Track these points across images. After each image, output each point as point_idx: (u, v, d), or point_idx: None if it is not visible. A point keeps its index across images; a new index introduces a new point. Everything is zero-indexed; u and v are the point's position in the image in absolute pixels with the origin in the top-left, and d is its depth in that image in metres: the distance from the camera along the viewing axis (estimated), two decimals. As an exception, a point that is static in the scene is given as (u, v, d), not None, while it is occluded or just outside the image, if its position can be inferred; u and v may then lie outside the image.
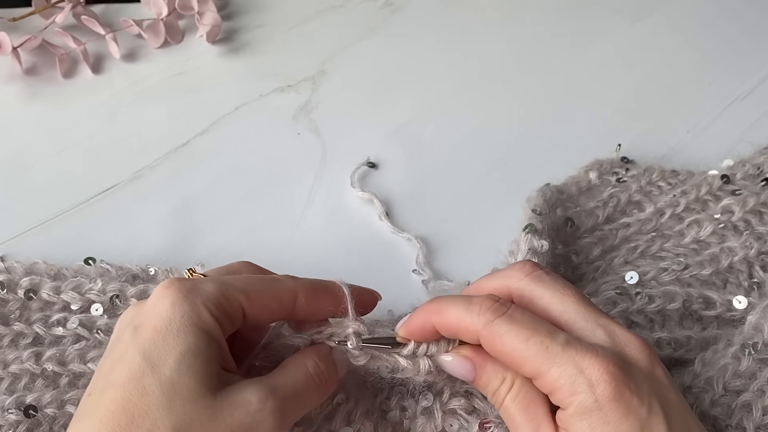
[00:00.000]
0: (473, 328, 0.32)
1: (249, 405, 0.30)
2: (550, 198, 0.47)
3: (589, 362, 0.30)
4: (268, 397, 0.31)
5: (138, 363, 0.30)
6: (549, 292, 0.33)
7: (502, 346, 0.31)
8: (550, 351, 0.30)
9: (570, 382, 0.30)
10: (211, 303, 0.32)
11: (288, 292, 0.34)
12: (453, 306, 0.33)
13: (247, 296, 0.33)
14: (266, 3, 0.67)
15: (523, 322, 0.31)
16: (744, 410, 0.36)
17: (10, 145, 0.54)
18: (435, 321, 0.34)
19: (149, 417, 0.29)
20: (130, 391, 0.30)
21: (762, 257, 0.45)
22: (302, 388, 0.33)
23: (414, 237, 0.49)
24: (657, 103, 0.59)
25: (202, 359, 0.30)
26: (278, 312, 0.34)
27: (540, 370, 0.30)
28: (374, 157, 0.54)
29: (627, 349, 0.31)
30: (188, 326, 0.31)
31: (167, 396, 0.29)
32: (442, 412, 0.37)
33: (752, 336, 0.37)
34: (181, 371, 0.30)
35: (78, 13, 0.61)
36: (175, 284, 0.32)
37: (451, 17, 0.66)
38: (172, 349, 0.30)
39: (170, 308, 0.31)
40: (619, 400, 0.29)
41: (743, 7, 0.67)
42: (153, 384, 0.29)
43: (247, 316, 0.33)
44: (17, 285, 0.43)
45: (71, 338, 0.42)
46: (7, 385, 0.40)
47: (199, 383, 0.30)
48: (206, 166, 0.54)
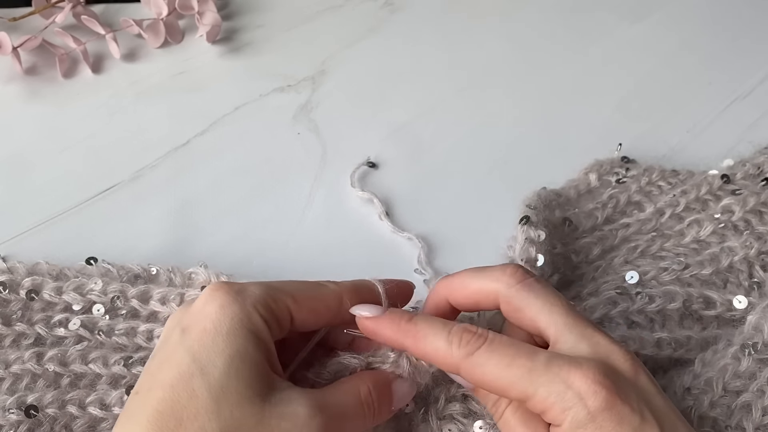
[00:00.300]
0: (453, 361, 0.32)
1: (297, 418, 0.30)
2: (546, 198, 0.47)
3: (575, 376, 0.30)
4: (316, 414, 0.30)
5: (187, 364, 0.30)
6: (539, 302, 0.33)
7: (484, 377, 0.31)
8: (533, 372, 0.30)
9: (560, 399, 0.29)
10: (260, 305, 0.32)
11: (333, 295, 0.34)
12: (431, 335, 0.33)
13: (294, 299, 0.33)
14: (266, 3, 0.67)
15: (501, 348, 0.31)
16: (744, 411, 0.36)
17: (10, 145, 0.54)
18: (409, 345, 0.33)
19: (197, 420, 0.29)
20: (179, 392, 0.29)
21: (762, 257, 0.45)
22: (351, 412, 0.32)
23: (415, 236, 0.49)
24: (657, 103, 0.59)
25: (251, 363, 0.30)
26: (325, 315, 0.34)
27: (527, 393, 0.30)
28: (374, 157, 0.54)
29: (610, 360, 0.31)
30: (238, 328, 0.31)
31: (216, 399, 0.29)
32: (438, 419, 0.37)
33: (752, 336, 0.37)
34: (230, 375, 0.30)
35: (78, 13, 0.61)
36: (224, 287, 0.32)
37: (451, 17, 0.66)
38: (221, 352, 0.30)
39: (219, 310, 0.31)
40: (612, 409, 0.29)
41: (743, 7, 0.67)
42: (202, 386, 0.29)
43: (294, 319, 0.33)
44: (19, 285, 0.43)
45: (73, 339, 0.42)
46: (8, 385, 0.40)
47: (248, 388, 0.30)
48: (206, 166, 0.54)
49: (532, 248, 0.41)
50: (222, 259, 0.47)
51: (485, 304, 0.34)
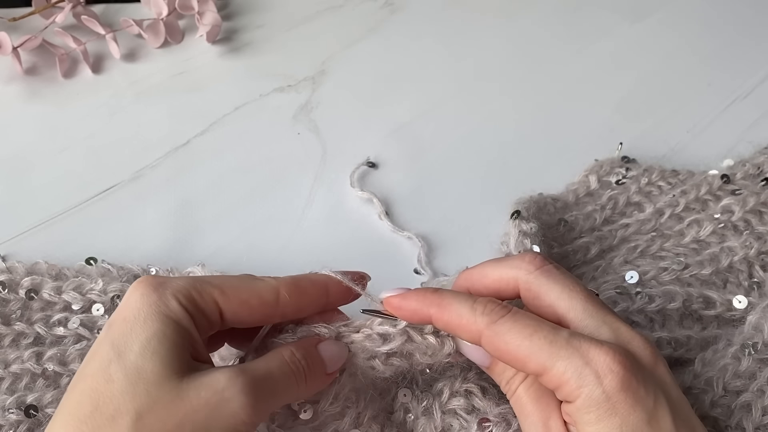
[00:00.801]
0: (476, 327, 0.32)
1: (217, 383, 0.30)
2: (541, 201, 0.47)
3: (594, 353, 0.30)
4: (237, 375, 0.30)
5: (106, 352, 0.30)
6: (558, 287, 0.33)
7: (506, 345, 0.31)
8: (554, 345, 0.30)
9: (576, 374, 0.30)
10: (181, 294, 0.32)
11: (267, 288, 0.34)
12: (456, 303, 0.33)
13: (221, 291, 0.33)
14: (266, 3, 0.67)
15: (525, 320, 0.31)
16: (744, 410, 0.36)
17: (10, 145, 0.54)
18: (434, 313, 0.33)
19: (113, 403, 0.29)
20: (97, 380, 0.30)
21: (762, 257, 0.45)
22: (276, 372, 0.32)
23: (414, 235, 0.49)
24: (657, 103, 0.59)
25: (168, 344, 0.30)
26: (259, 309, 0.34)
27: (545, 365, 0.30)
28: (374, 157, 0.54)
29: (631, 346, 0.31)
30: (155, 314, 0.31)
31: (131, 381, 0.29)
32: (441, 413, 0.37)
33: (752, 336, 0.37)
34: (146, 356, 0.30)
35: (78, 13, 0.61)
36: (148, 279, 0.32)
37: (451, 17, 0.66)
38: (137, 336, 0.30)
39: (139, 299, 0.31)
40: (627, 391, 0.29)
41: (743, 7, 0.67)
42: (118, 370, 0.29)
43: (224, 312, 0.33)
44: (18, 285, 0.43)
45: (72, 338, 0.42)
46: (8, 384, 0.40)
47: (164, 366, 0.30)
48: (206, 166, 0.54)
49: (526, 240, 0.42)
50: (222, 259, 0.47)
51: (506, 293, 0.35)
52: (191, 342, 0.31)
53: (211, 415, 0.29)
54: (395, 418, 0.38)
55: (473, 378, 0.38)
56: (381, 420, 0.38)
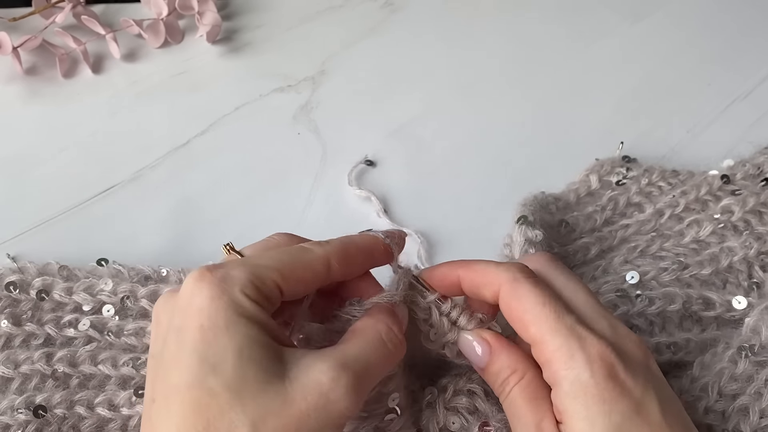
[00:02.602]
0: (497, 280, 0.33)
1: (321, 386, 0.29)
2: (543, 201, 0.47)
3: (591, 340, 0.31)
4: (340, 375, 0.30)
5: (197, 365, 0.29)
6: (564, 278, 0.34)
7: (518, 303, 0.32)
8: (559, 321, 0.31)
9: (569, 354, 0.30)
10: (248, 289, 0.31)
11: (319, 260, 0.34)
12: (484, 263, 0.34)
13: (280, 273, 0.32)
14: (266, 3, 0.67)
15: (545, 289, 0.33)
16: (741, 414, 0.36)
17: (10, 145, 0.55)
18: (460, 272, 0.35)
19: (225, 416, 0.28)
20: (198, 394, 0.29)
21: (762, 257, 0.45)
22: (375, 358, 0.32)
23: (414, 232, 0.49)
24: (657, 103, 0.59)
25: (258, 348, 0.30)
26: (313, 282, 0.34)
27: (544, 337, 0.31)
28: (374, 157, 0.54)
29: (625, 341, 0.32)
30: (235, 318, 0.30)
31: (236, 393, 0.29)
32: (444, 409, 0.37)
33: (750, 338, 0.37)
34: (243, 365, 0.29)
35: (78, 13, 0.61)
36: (206, 276, 0.31)
37: (451, 17, 0.66)
38: (226, 346, 0.29)
39: (210, 303, 0.30)
40: (615, 380, 0.30)
41: (743, 7, 0.67)
42: (218, 384, 0.29)
43: (284, 293, 0.33)
44: (30, 285, 0.43)
45: (82, 339, 0.42)
46: (17, 385, 0.40)
47: (264, 372, 0.29)
48: (206, 166, 0.54)
49: (531, 249, 0.41)
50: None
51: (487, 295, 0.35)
52: (273, 334, 0.31)
53: (319, 417, 0.29)
54: None
55: (477, 379, 0.38)
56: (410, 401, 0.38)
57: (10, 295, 0.43)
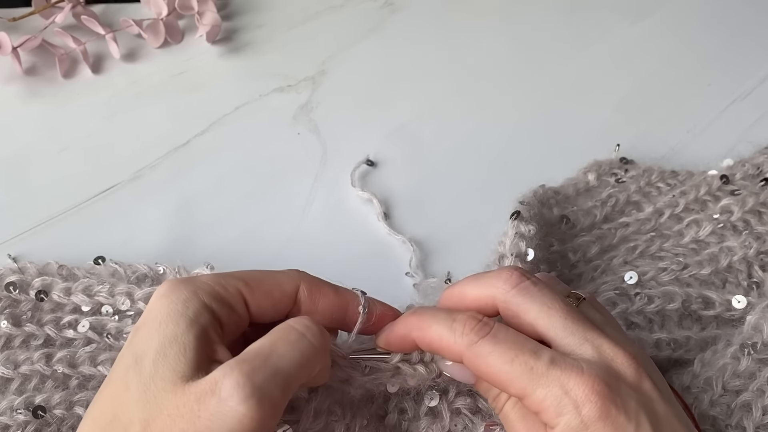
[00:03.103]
0: (456, 349, 0.31)
1: (214, 384, 0.28)
2: (543, 195, 0.47)
3: (574, 382, 0.29)
4: (232, 369, 0.28)
5: (127, 358, 0.30)
6: (536, 306, 0.32)
7: (487, 368, 0.31)
8: (534, 372, 0.30)
9: (555, 403, 0.29)
10: (203, 291, 0.31)
11: (289, 280, 0.34)
12: (435, 323, 0.32)
13: (245, 283, 0.33)
14: (266, 3, 0.67)
15: (506, 342, 0.31)
16: (743, 410, 0.36)
17: (10, 145, 0.54)
18: (416, 336, 0.33)
19: (128, 412, 0.29)
20: (118, 387, 0.30)
21: (761, 257, 0.45)
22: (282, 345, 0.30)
23: (408, 240, 0.49)
24: (657, 103, 0.59)
25: (177, 347, 0.29)
26: (281, 300, 0.33)
27: (525, 391, 0.30)
28: (374, 157, 0.54)
29: (614, 364, 0.31)
30: (171, 315, 0.30)
31: (144, 389, 0.29)
32: (447, 412, 0.37)
33: (751, 336, 0.37)
34: (158, 362, 0.29)
35: (78, 13, 0.61)
36: (174, 281, 0.32)
37: (451, 17, 0.66)
38: (153, 341, 0.30)
39: (158, 300, 0.31)
40: (606, 419, 0.29)
41: (743, 7, 0.67)
42: (134, 378, 0.29)
43: (249, 304, 0.33)
44: (29, 285, 0.43)
45: (82, 341, 0.42)
46: (17, 385, 0.40)
47: (172, 372, 0.29)
48: (206, 166, 0.54)
49: (522, 243, 0.41)
50: (222, 259, 0.47)
51: (486, 311, 0.34)
52: (208, 342, 0.30)
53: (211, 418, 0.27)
54: (388, 420, 0.38)
55: None
56: (373, 427, 0.37)
57: (10, 295, 0.43)
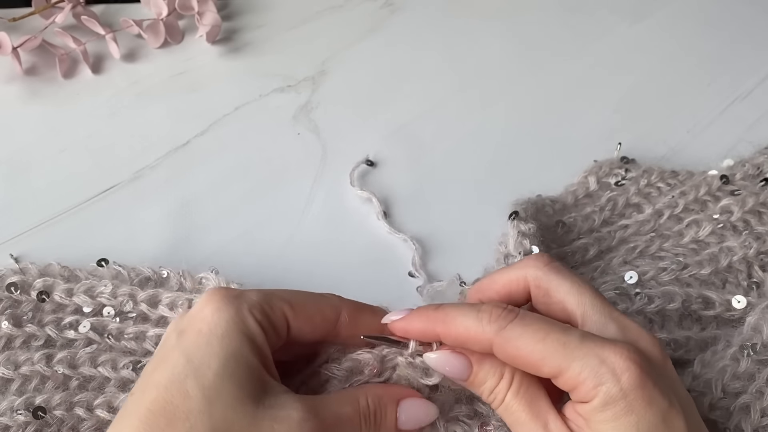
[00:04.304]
0: (485, 337, 0.31)
1: (290, 420, 0.30)
2: (540, 203, 0.47)
3: (609, 352, 0.29)
4: (309, 418, 0.30)
5: (181, 365, 0.30)
6: (567, 283, 0.33)
7: (518, 350, 0.31)
8: (568, 347, 0.30)
9: (593, 373, 0.29)
10: (256, 309, 0.32)
11: (332, 306, 0.34)
12: (461, 315, 0.32)
13: (291, 306, 0.33)
14: (266, 3, 0.67)
15: (535, 323, 0.31)
16: (742, 412, 0.36)
17: (10, 145, 0.54)
18: (440, 330, 0.33)
19: (189, 420, 0.29)
20: (172, 393, 0.29)
21: (761, 257, 0.45)
22: (346, 420, 0.32)
23: (410, 238, 0.49)
24: (657, 103, 0.59)
25: (245, 365, 0.30)
26: (321, 325, 0.34)
27: (561, 368, 0.30)
28: (374, 157, 0.54)
29: (639, 344, 0.31)
30: (233, 331, 0.31)
31: (208, 400, 0.29)
32: (444, 421, 0.37)
33: (751, 337, 0.37)
34: (224, 376, 0.30)
35: (78, 13, 0.61)
36: (222, 291, 0.32)
37: (451, 18, 0.66)
38: (215, 354, 0.30)
39: (215, 312, 0.31)
40: (644, 388, 0.29)
41: (743, 7, 0.67)
42: (195, 387, 0.29)
43: (291, 327, 0.33)
44: (31, 286, 0.43)
45: (82, 341, 0.42)
46: (17, 386, 0.40)
47: (241, 389, 0.30)
48: (206, 166, 0.54)
49: (525, 240, 0.42)
50: (222, 259, 0.47)
51: (516, 295, 0.34)
52: (264, 361, 0.31)
53: None
54: None
55: None
56: None
57: (11, 296, 0.43)
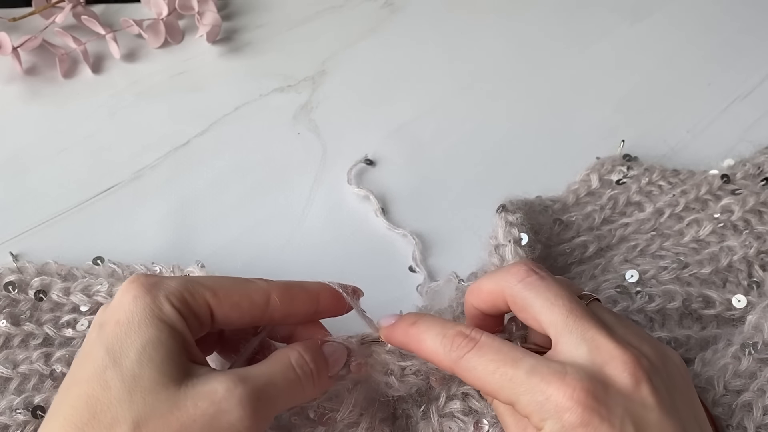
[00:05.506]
0: (447, 364, 0.33)
1: (214, 394, 0.29)
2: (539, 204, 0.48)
3: (554, 388, 0.29)
4: (236, 385, 0.30)
5: (101, 358, 0.30)
6: (539, 300, 0.33)
7: (475, 380, 0.32)
8: (514, 381, 0.30)
9: (538, 408, 0.30)
10: (174, 297, 0.32)
11: (259, 291, 0.34)
12: (430, 339, 0.33)
13: (213, 293, 0.33)
14: (266, 3, 0.67)
15: (488, 354, 0.31)
16: (744, 410, 0.36)
17: (10, 145, 0.54)
18: (414, 349, 0.34)
19: (110, 411, 0.29)
20: (93, 386, 0.29)
21: (761, 256, 0.45)
22: (280, 379, 0.32)
23: (409, 233, 0.49)
24: (657, 103, 0.59)
25: (164, 351, 0.30)
26: (249, 311, 0.34)
27: (511, 400, 0.31)
28: (374, 156, 0.54)
29: (608, 368, 0.30)
30: (149, 318, 0.31)
31: (128, 389, 0.29)
32: (438, 416, 0.38)
33: (752, 336, 0.37)
34: (142, 363, 0.30)
35: (78, 13, 0.61)
36: (139, 279, 0.32)
37: (451, 17, 0.66)
38: (133, 342, 0.30)
39: (132, 301, 0.31)
40: (587, 426, 0.29)
41: (743, 7, 0.67)
42: (114, 377, 0.29)
43: (215, 314, 0.33)
44: (28, 285, 0.43)
45: (81, 340, 0.42)
46: (16, 385, 0.40)
47: (161, 374, 0.29)
48: (206, 166, 0.54)
49: (513, 229, 0.42)
50: (222, 259, 0.47)
51: (500, 304, 0.35)
52: (186, 345, 0.31)
53: (207, 425, 0.29)
54: (398, 424, 0.39)
55: None
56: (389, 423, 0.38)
57: (9, 295, 0.43)
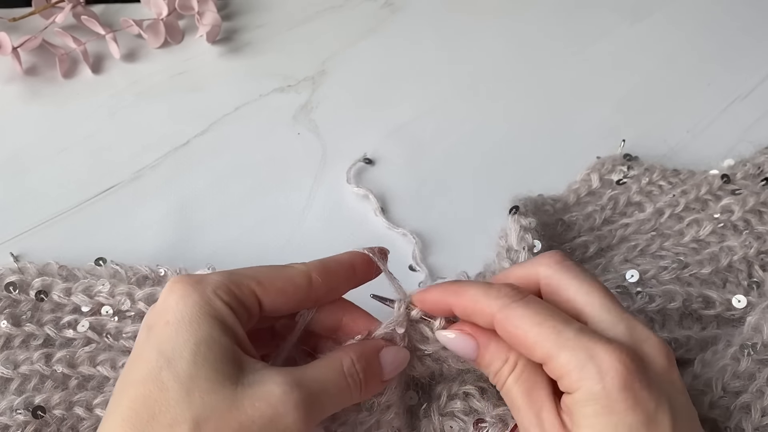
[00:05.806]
0: (489, 311, 0.32)
1: (271, 396, 0.30)
2: (540, 202, 0.47)
3: (601, 350, 0.30)
4: (292, 389, 0.30)
5: (154, 359, 0.30)
6: (576, 282, 0.33)
7: (515, 329, 0.31)
8: (561, 335, 0.30)
9: (579, 367, 0.29)
10: (221, 291, 0.32)
11: (300, 273, 0.34)
12: (472, 288, 0.33)
13: (258, 282, 0.33)
14: (266, 3, 0.67)
15: (538, 307, 0.32)
16: (743, 411, 0.36)
17: (10, 145, 0.54)
18: (451, 300, 0.34)
19: (170, 411, 0.29)
20: (149, 387, 0.29)
21: (761, 256, 0.45)
22: (332, 385, 0.32)
23: (409, 232, 0.49)
24: (657, 103, 0.59)
25: (218, 348, 0.30)
26: (295, 295, 0.34)
27: (550, 354, 0.30)
28: (374, 156, 0.54)
29: (645, 346, 0.31)
30: (200, 316, 0.31)
31: (186, 389, 0.29)
32: (439, 415, 0.38)
33: (751, 337, 0.37)
34: (197, 362, 0.30)
35: (78, 13, 0.61)
36: (183, 278, 0.32)
37: (451, 17, 0.66)
38: (186, 342, 0.30)
39: (180, 300, 0.31)
40: (628, 391, 0.29)
41: (743, 7, 0.67)
42: (170, 378, 0.29)
43: (263, 303, 0.33)
44: (29, 286, 0.43)
45: (81, 340, 0.42)
46: (16, 385, 0.40)
47: (217, 373, 0.30)
48: (206, 166, 0.54)
49: (527, 235, 0.42)
50: (222, 259, 0.47)
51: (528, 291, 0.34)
52: (238, 340, 0.31)
53: (265, 427, 0.29)
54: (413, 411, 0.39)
55: (471, 380, 0.38)
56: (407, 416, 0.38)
57: (10, 295, 0.43)
